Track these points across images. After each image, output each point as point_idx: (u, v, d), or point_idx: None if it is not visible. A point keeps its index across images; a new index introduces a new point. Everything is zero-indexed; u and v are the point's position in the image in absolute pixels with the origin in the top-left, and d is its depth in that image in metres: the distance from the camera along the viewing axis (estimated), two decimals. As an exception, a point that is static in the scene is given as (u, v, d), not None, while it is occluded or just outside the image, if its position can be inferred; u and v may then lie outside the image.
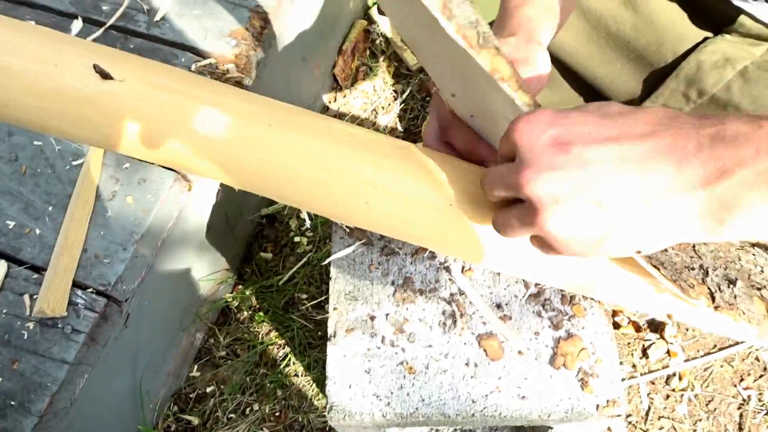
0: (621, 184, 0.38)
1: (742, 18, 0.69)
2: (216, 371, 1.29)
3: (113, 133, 0.55)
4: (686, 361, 1.24)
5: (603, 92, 0.85)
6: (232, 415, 1.24)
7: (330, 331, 0.64)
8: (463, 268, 0.66)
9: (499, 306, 0.64)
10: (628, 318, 1.28)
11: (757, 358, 1.23)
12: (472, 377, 0.61)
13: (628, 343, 1.27)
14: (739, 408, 1.19)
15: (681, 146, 0.36)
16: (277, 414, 1.24)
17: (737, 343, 1.24)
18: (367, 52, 1.69)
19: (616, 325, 1.28)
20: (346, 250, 0.68)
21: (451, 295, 0.65)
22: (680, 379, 1.22)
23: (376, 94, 1.64)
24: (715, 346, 1.25)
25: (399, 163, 0.54)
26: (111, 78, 0.54)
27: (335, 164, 0.54)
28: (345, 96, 1.65)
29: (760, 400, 1.19)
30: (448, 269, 0.66)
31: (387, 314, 0.64)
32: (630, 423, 1.20)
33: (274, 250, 1.42)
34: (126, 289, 0.98)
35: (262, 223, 1.44)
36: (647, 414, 1.20)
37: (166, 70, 0.57)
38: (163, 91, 0.55)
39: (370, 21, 1.70)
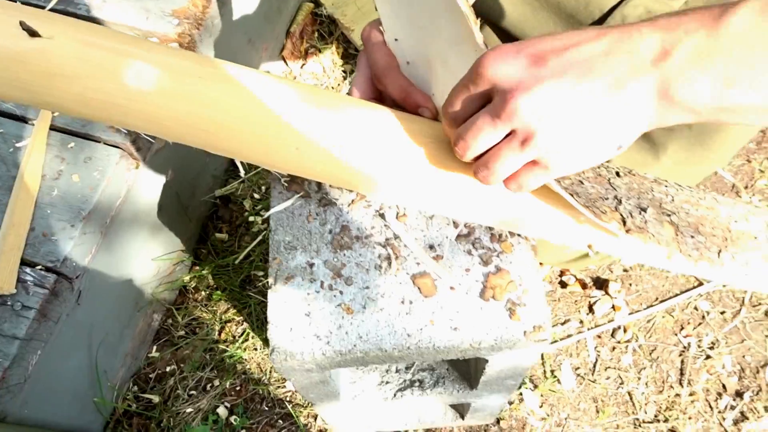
0: (597, 77, 0.43)
1: None
2: (175, 350, 1.30)
3: (43, 91, 0.56)
4: (630, 314, 1.30)
5: None
6: (193, 392, 1.25)
7: (270, 279, 0.66)
8: (397, 214, 0.69)
9: (431, 247, 0.67)
10: (575, 276, 1.34)
11: (695, 308, 1.30)
12: (407, 314, 0.64)
13: (575, 301, 1.32)
14: (680, 355, 1.25)
15: (628, 36, 0.42)
16: (237, 388, 1.26)
17: (677, 295, 1.31)
18: (315, 35, 1.71)
19: (564, 284, 1.33)
20: (284, 204, 0.70)
21: (387, 239, 0.68)
22: (625, 331, 1.28)
23: (326, 75, 1.66)
24: (657, 298, 1.31)
25: (328, 110, 0.57)
26: (38, 35, 0.55)
27: (264, 112, 0.57)
28: (295, 78, 1.66)
29: (699, 347, 1.26)
30: (383, 216, 0.69)
31: (325, 261, 0.67)
32: (579, 375, 1.25)
33: (230, 231, 1.43)
34: (76, 266, 0.98)
35: (216, 204, 1.45)
36: (594, 366, 1.26)
37: (95, 29, 0.58)
38: (93, 48, 0.56)
39: (317, 4, 1.72)
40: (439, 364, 0.91)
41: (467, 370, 0.89)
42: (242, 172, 0.65)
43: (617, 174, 0.65)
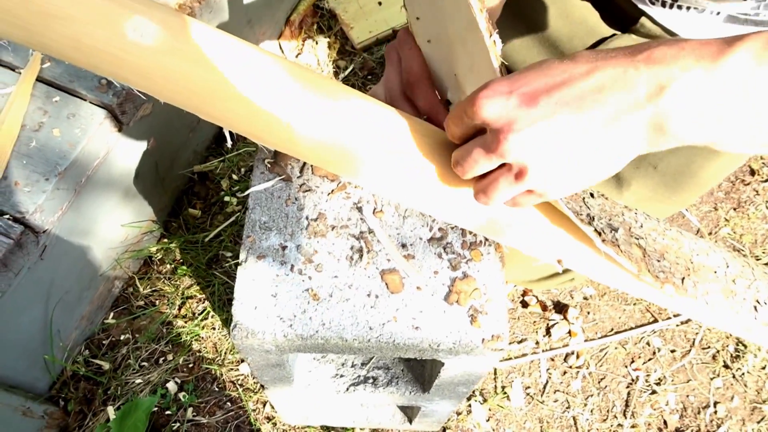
0: (587, 117, 0.43)
1: (643, 20, 0.76)
2: (132, 320, 1.29)
3: (41, 31, 0.56)
4: (585, 341, 1.32)
5: None
6: (145, 363, 1.24)
7: (242, 256, 0.67)
8: (374, 209, 0.70)
9: (404, 245, 0.68)
10: (536, 297, 1.36)
11: (648, 343, 1.33)
12: (372, 307, 0.65)
13: (534, 322, 1.34)
14: (627, 387, 1.29)
15: (622, 72, 0.42)
16: (190, 365, 1.25)
17: (632, 329, 1.34)
18: (314, 27, 1.72)
19: (525, 304, 1.36)
20: (265, 184, 0.71)
21: (361, 232, 0.69)
22: (578, 357, 1.31)
23: (319, 68, 1.67)
24: (612, 329, 1.34)
25: (324, 90, 0.58)
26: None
27: (260, 83, 0.57)
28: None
29: (646, 381, 1.29)
30: (360, 209, 0.70)
31: (298, 245, 0.67)
32: (528, 394, 1.27)
33: (203, 208, 1.42)
34: (44, 221, 0.97)
35: (193, 180, 1.44)
36: (545, 387, 1.28)
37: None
38: (95, -6, 0.56)
39: (320, -4, 1.73)
40: (395, 363, 0.93)
41: (422, 373, 0.90)
42: (229, 143, 0.65)
43: (591, 195, 0.67)
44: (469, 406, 1.24)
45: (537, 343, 1.32)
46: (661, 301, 0.67)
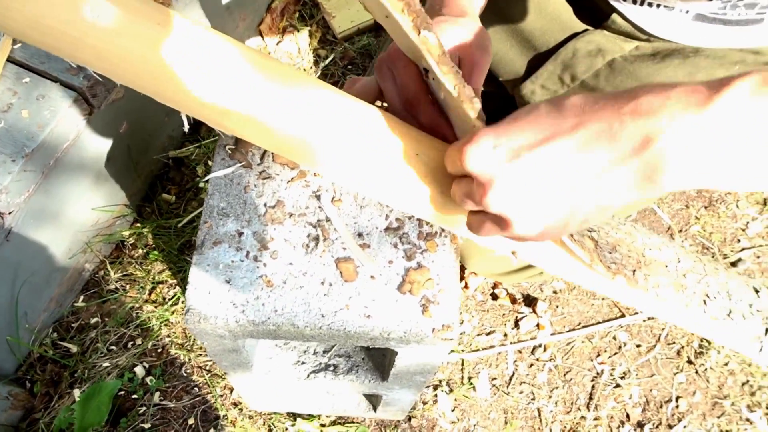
0: (570, 174, 0.43)
1: (614, 16, 0.77)
2: (102, 303, 1.29)
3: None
4: (552, 334, 1.34)
5: (493, 70, 0.91)
6: (113, 347, 1.25)
7: (198, 241, 0.67)
8: (333, 198, 0.70)
9: (360, 235, 0.69)
10: (506, 290, 1.37)
11: (614, 338, 1.35)
12: (325, 295, 0.65)
13: (503, 314, 1.36)
14: (592, 380, 1.30)
15: (608, 127, 0.41)
16: (159, 350, 1.26)
17: (599, 323, 1.36)
18: (296, 15, 1.72)
19: (495, 296, 1.37)
20: (225, 170, 0.71)
21: (318, 220, 0.69)
22: (545, 350, 1.32)
23: (300, 56, 1.67)
24: (580, 323, 1.36)
25: (287, 80, 0.58)
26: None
27: (218, 71, 0.57)
28: (269, 54, 1.66)
29: (611, 374, 1.31)
30: (318, 197, 0.70)
31: (255, 232, 0.68)
32: (494, 386, 1.29)
33: (178, 193, 1.42)
34: (10, 202, 0.97)
35: (168, 165, 1.44)
36: (511, 379, 1.30)
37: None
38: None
39: (303, -16, 1.72)
40: (355, 352, 0.93)
41: (382, 362, 0.91)
42: (186, 127, 0.65)
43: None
44: (435, 395, 1.25)
45: (505, 335, 1.34)
46: (615, 294, 0.68)
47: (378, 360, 0.92)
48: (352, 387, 0.93)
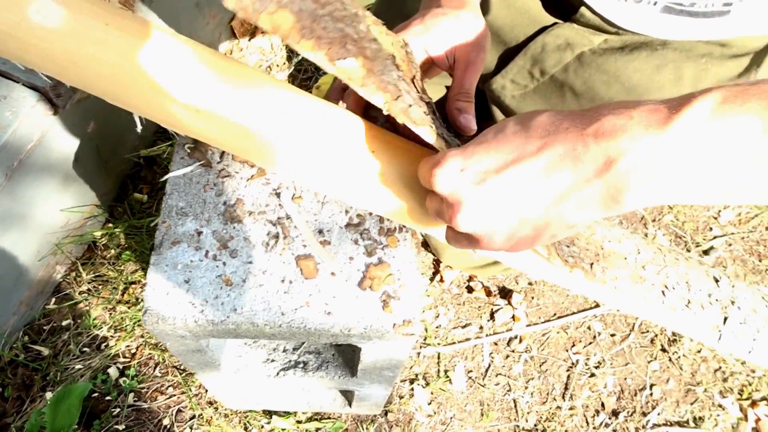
0: (535, 196, 0.44)
1: (583, 9, 0.77)
2: (75, 305, 1.28)
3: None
4: (528, 326, 1.35)
5: None
6: (86, 349, 1.24)
7: (157, 241, 0.67)
8: (293, 195, 0.70)
9: (321, 231, 0.68)
10: (482, 283, 1.38)
11: (589, 327, 1.36)
12: (285, 293, 0.65)
13: (479, 307, 1.36)
14: (567, 370, 1.31)
15: (572, 149, 0.42)
16: (132, 351, 1.25)
17: (574, 313, 1.37)
18: (269, 10, 1.70)
19: (470, 289, 1.37)
20: (184, 169, 0.71)
21: (279, 218, 0.69)
22: (520, 341, 1.33)
23: (273, 52, 1.65)
24: (555, 314, 1.37)
25: (239, 80, 0.58)
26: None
27: (168, 71, 0.57)
28: (241, 50, 1.65)
29: (586, 364, 1.32)
30: (278, 195, 0.70)
31: (214, 231, 0.67)
32: (470, 378, 1.29)
33: (150, 193, 1.41)
34: (-27, 205, 0.96)
35: (139, 164, 1.42)
36: (487, 371, 1.30)
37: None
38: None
39: (275, -21, 1.70)
40: (325, 348, 0.93)
41: (352, 358, 0.91)
42: (138, 128, 0.65)
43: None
44: (412, 389, 1.26)
45: (481, 327, 1.34)
46: (574, 287, 0.69)
47: (348, 356, 0.92)
48: (322, 383, 0.93)
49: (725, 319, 0.70)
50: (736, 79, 0.79)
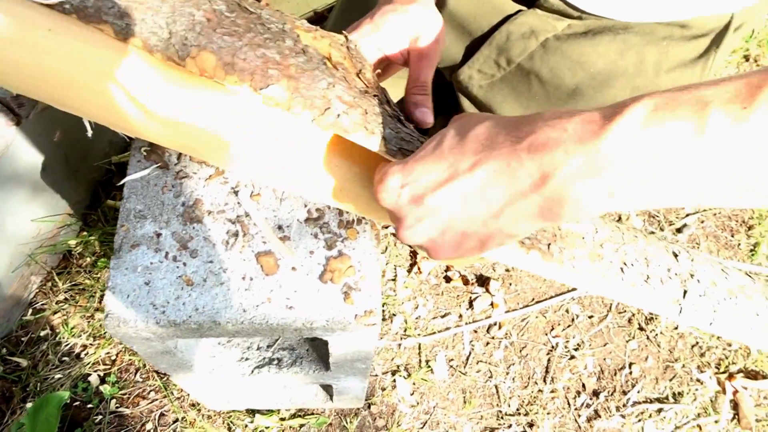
0: (472, 213, 0.44)
1: None
2: (52, 315, 1.27)
3: None
4: (507, 312, 1.36)
5: None
6: (66, 358, 1.23)
7: (116, 245, 0.67)
8: (251, 193, 0.70)
9: (280, 227, 0.69)
10: (459, 273, 1.39)
11: (567, 311, 1.37)
12: (246, 290, 0.65)
13: (457, 296, 1.37)
14: (547, 354, 1.33)
15: (506, 166, 0.42)
16: (113, 358, 1.25)
17: (551, 297, 1.38)
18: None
19: (448, 279, 1.38)
20: (141, 173, 0.71)
21: (238, 216, 0.69)
22: (500, 327, 1.34)
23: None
24: (533, 299, 1.38)
25: (185, 84, 0.58)
26: None
27: (115, 75, 0.57)
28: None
29: (566, 347, 1.33)
30: (237, 193, 0.70)
31: (173, 232, 0.68)
32: (452, 366, 1.30)
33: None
34: (-62, 219, 0.95)
35: (111, 171, 1.42)
36: (468, 359, 1.31)
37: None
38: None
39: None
40: (299, 344, 0.94)
41: (325, 352, 0.92)
42: (89, 132, 0.65)
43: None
44: (394, 381, 1.26)
45: (460, 316, 1.35)
46: (534, 269, 0.69)
47: (321, 351, 0.93)
48: (298, 379, 0.93)
49: (685, 292, 0.71)
50: (696, 60, 0.80)
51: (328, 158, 0.59)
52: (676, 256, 0.75)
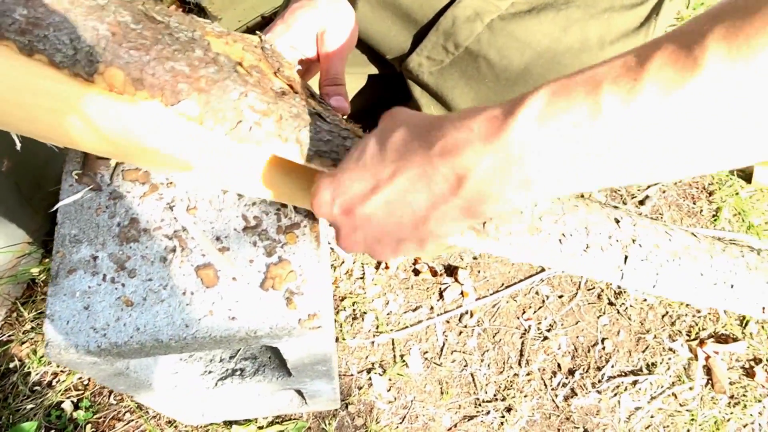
0: (401, 219, 0.45)
1: None
2: (20, 345, 1.26)
3: None
4: (477, 299, 1.36)
5: (378, 49, 0.91)
6: (37, 388, 1.22)
7: (53, 272, 0.66)
8: (187, 207, 0.70)
9: (218, 239, 0.68)
10: (427, 265, 1.39)
11: (537, 292, 1.38)
12: (187, 305, 0.65)
13: (427, 288, 1.37)
14: (521, 337, 1.33)
15: (422, 172, 0.43)
16: (85, 383, 1.24)
17: (521, 281, 1.38)
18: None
19: (417, 272, 1.38)
20: (74, 197, 0.70)
21: (175, 231, 0.68)
22: (471, 316, 1.34)
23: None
24: (503, 284, 1.39)
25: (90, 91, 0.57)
26: None
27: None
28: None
29: (538, 329, 1.34)
30: (172, 208, 0.69)
31: (110, 253, 0.67)
32: (426, 359, 1.30)
33: (84, 222, 1.39)
34: None
35: (69, 195, 1.40)
36: (442, 350, 1.31)
37: None
38: None
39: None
40: (261, 352, 0.93)
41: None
42: (18, 145, 0.64)
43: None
44: (370, 379, 1.27)
45: (431, 308, 1.35)
46: (474, 247, 0.69)
47: (283, 357, 0.93)
48: (262, 387, 0.93)
49: (626, 258, 0.71)
50: (638, 30, 0.80)
51: (261, 160, 0.58)
52: (617, 222, 0.75)
